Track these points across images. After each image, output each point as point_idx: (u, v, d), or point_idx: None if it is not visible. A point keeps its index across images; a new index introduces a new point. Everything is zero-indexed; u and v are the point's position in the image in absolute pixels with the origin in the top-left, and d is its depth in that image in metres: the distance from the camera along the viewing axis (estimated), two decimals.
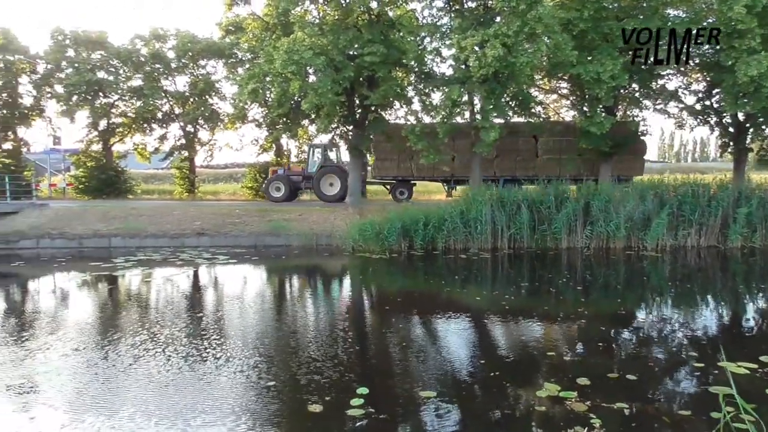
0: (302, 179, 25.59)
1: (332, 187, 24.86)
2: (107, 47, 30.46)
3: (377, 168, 27.07)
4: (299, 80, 18.88)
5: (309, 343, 8.34)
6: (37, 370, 7.06)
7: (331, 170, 25.11)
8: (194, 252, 17.35)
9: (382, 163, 26.72)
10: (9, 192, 23.92)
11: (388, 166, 26.53)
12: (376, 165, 27.21)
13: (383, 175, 26.91)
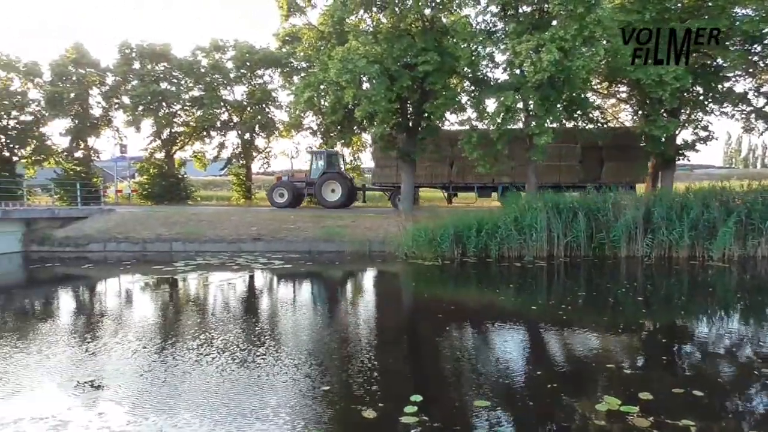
0: (305, 185, 26.01)
1: (334, 193, 25.12)
2: (170, 59, 31.73)
3: (377, 175, 27.19)
4: (353, 88, 19.08)
5: (363, 349, 8.38)
6: (105, 368, 7.38)
7: (332, 177, 25.39)
8: (250, 257, 17.76)
9: (382, 170, 26.75)
10: (80, 198, 25.23)
11: (388, 174, 26.53)
12: (376, 172, 27.33)
13: (383, 182, 26.93)
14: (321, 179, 25.20)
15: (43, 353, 8.07)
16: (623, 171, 23.74)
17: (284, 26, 24.97)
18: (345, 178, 25.84)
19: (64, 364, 7.56)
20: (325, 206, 25.07)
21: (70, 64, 31.44)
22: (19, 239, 19.62)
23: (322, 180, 25.17)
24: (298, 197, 26.42)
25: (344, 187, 25.24)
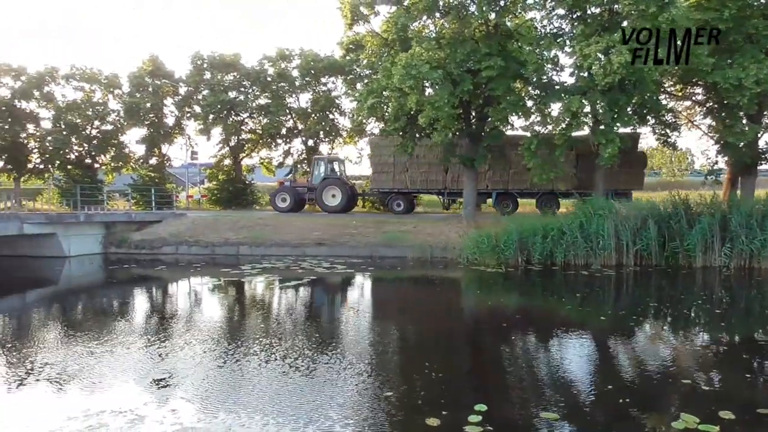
0: (307, 191, 26.61)
1: (334, 199, 25.56)
2: (239, 69, 32.84)
3: (375, 180, 27.35)
4: (416, 94, 19.09)
5: (426, 356, 8.34)
6: (176, 366, 7.69)
7: (333, 182, 25.84)
8: (314, 261, 18.07)
9: (378, 175, 26.96)
10: (154, 203, 26.47)
11: (384, 179, 26.67)
12: (374, 177, 27.51)
13: (379, 188, 27.07)
14: (322, 185, 25.88)
15: (122, 350, 8.49)
16: (619, 178, 23.20)
17: (348, 34, 25.29)
18: (345, 184, 26.33)
19: (140, 361, 7.93)
20: (326, 211, 25.72)
21: (146, 76, 33.11)
22: (100, 241, 20.78)
23: (323, 185, 25.84)
24: (300, 202, 27.12)
25: (344, 193, 25.84)
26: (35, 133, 32.48)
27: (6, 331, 10.53)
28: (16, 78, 31.86)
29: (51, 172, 34.10)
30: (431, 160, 25.55)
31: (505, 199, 25.04)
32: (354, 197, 27.39)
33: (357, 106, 23.09)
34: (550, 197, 24.59)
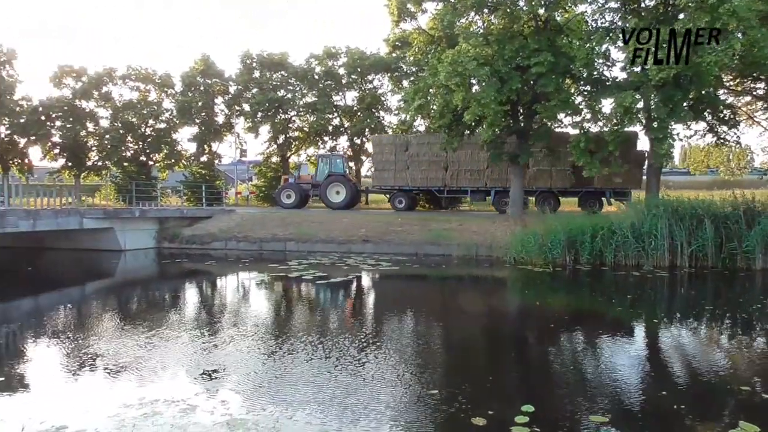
0: (311, 187, 27.07)
1: (338, 195, 26.03)
2: (287, 67, 33.35)
3: (376, 178, 27.75)
4: (462, 91, 18.94)
5: (471, 355, 8.29)
6: (226, 358, 7.88)
7: (337, 179, 26.25)
8: (359, 258, 18.19)
9: (380, 173, 27.36)
10: (204, 199, 27.19)
11: (386, 177, 27.05)
12: (375, 175, 27.90)
13: (382, 185, 27.50)
14: (326, 181, 26.29)
15: (174, 342, 8.77)
16: (616, 177, 22.82)
17: (394, 32, 25.34)
18: (349, 181, 26.91)
19: (190, 353, 8.17)
20: (330, 207, 26.12)
21: (198, 75, 34.02)
22: (153, 236, 21.51)
23: (328, 182, 26.23)
24: (305, 198, 27.65)
25: (348, 190, 26.36)
26: (94, 131, 33.86)
27: (67, 322, 11.04)
28: (77, 79, 33.28)
29: (108, 169, 35.50)
30: (431, 158, 26.16)
31: (504, 197, 25.07)
32: (357, 194, 28.13)
33: (404, 106, 23.11)
34: (548, 195, 24.80)
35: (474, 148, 25.04)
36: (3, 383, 7.13)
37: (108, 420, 5.70)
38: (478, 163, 25.57)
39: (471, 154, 25.56)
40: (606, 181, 23.00)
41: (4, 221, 16.76)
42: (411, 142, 26.91)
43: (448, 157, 25.66)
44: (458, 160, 25.66)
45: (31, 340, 9.68)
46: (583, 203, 24.39)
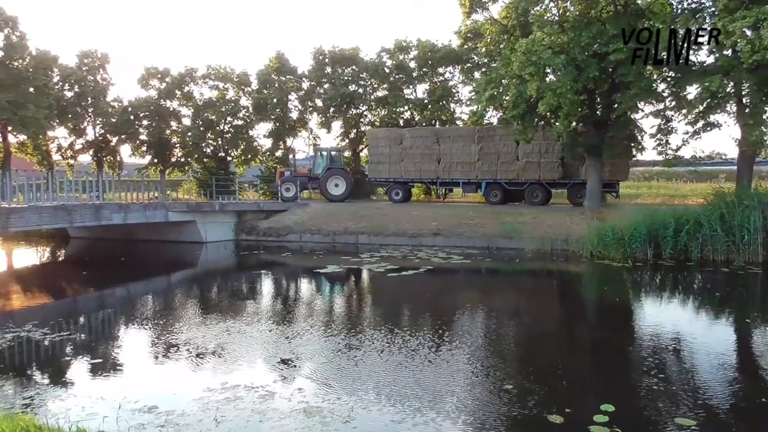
0: (308, 180, 27.18)
1: (337, 188, 26.22)
2: (358, 62, 33.64)
3: (370, 170, 28.09)
4: (537, 81, 18.41)
5: (547, 351, 8.12)
6: (302, 348, 8.12)
7: (336, 172, 26.49)
8: (430, 251, 18.17)
9: (375, 165, 27.68)
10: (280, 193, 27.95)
11: (381, 169, 27.38)
12: (370, 167, 28.20)
13: (376, 177, 27.81)
14: (326, 174, 26.44)
15: (252, 330, 9.13)
16: (604, 169, 22.61)
17: (466, 23, 24.97)
18: (348, 174, 27.42)
19: (268, 342, 8.48)
20: (330, 200, 26.35)
21: (273, 73, 34.95)
22: (232, 228, 22.39)
23: (328, 175, 26.36)
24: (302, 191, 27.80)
25: (347, 182, 26.73)
26: (177, 129, 35.59)
27: (155, 309, 11.73)
28: (162, 80, 35.06)
29: (190, 165, 37.21)
30: (424, 150, 26.59)
31: (494, 188, 25.33)
32: (354, 187, 28.39)
33: (476, 97, 22.76)
34: (537, 187, 24.80)
35: (466, 140, 25.95)
36: (101, 364, 7.69)
37: (193, 402, 6.03)
38: (469, 155, 25.96)
39: (462, 147, 26.06)
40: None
41: (100, 214, 18.01)
42: (405, 136, 27.50)
43: (441, 149, 26.34)
44: (450, 153, 26.10)
45: (125, 325, 10.36)
46: (572, 195, 24.59)
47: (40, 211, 16.58)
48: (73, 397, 6.30)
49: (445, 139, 26.32)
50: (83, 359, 8.06)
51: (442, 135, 26.72)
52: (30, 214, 16.22)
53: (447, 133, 26.94)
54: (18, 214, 15.86)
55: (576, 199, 24.01)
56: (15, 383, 6.89)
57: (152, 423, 5.49)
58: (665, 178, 37.30)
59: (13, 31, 28.30)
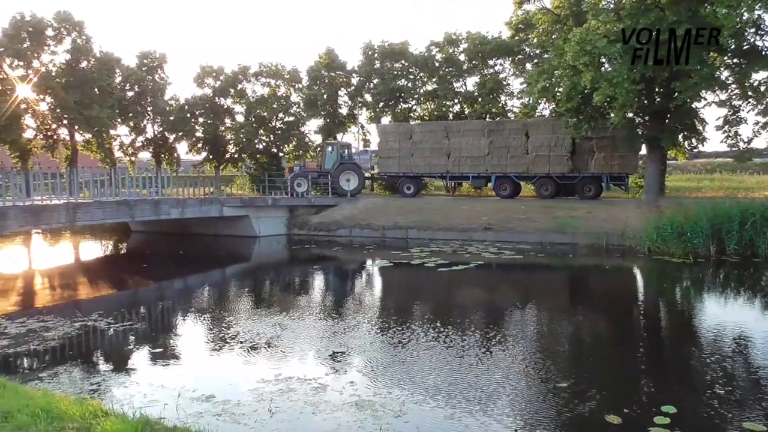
0: (318, 176, 26.71)
1: (349, 183, 25.88)
2: (407, 56, 33.54)
3: (380, 165, 28.08)
4: (591, 71, 17.89)
5: (604, 349, 7.91)
6: (353, 341, 8.19)
7: (348, 167, 26.17)
8: (481, 246, 17.97)
9: (385, 160, 27.82)
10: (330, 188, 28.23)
11: (391, 164, 27.46)
12: (379, 162, 28.19)
13: (386, 171, 27.74)
14: (338, 170, 25.96)
15: (304, 323, 9.27)
16: (613, 162, 23.46)
17: (517, 14, 24.55)
18: (360, 168, 27.07)
19: (320, 335, 8.59)
20: (341, 195, 25.92)
21: (323, 69, 35.30)
22: (284, 223, 22.81)
23: (340, 170, 25.91)
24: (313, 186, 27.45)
25: (359, 177, 26.42)
26: (231, 126, 36.46)
27: (212, 301, 12.08)
28: (216, 78, 35.97)
29: (243, 161, 38.07)
30: (433, 145, 26.61)
31: (504, 182, 25.33)
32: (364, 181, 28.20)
33: (527, 89, 22.33)
34: (546, 180, 24.71)
35: (475, 134, 25.92)
36: (161, 354, 7.99)
37: (248, 393, 6.18)
38: (479, 149, 25.87)
39: (472, 141, 25.98)
40: (604, 167, 23.46)
41: (159, 209, 18.68)
42: (414, 130, 27.63)
43: (450, 144, 26.37)
44: (459, 147, 26.09)
45: (183, 316, 10.72)
46: (580, 188, 24.54)
47: (104, 206, 17.34)
48: (135, 385, 6.56)
49: (454, 133, 26.46)
50: (144, 348, 8.39)
51: (451, 129, 26.87)
52: (95, 209, 16.98)
53: (456, 127, 27.11)
54: (84, 208, 16.63)
55: (585, 193, 24.05)
56: (83, 369, 7.24)
57: (209, 411, 5.66)
58: (729, 170, 35.64)
59: (79, 35, 29.64)
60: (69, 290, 13.28)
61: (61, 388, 6.25)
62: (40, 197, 17.48)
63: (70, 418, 4.20)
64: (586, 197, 23.61)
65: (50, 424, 4.06)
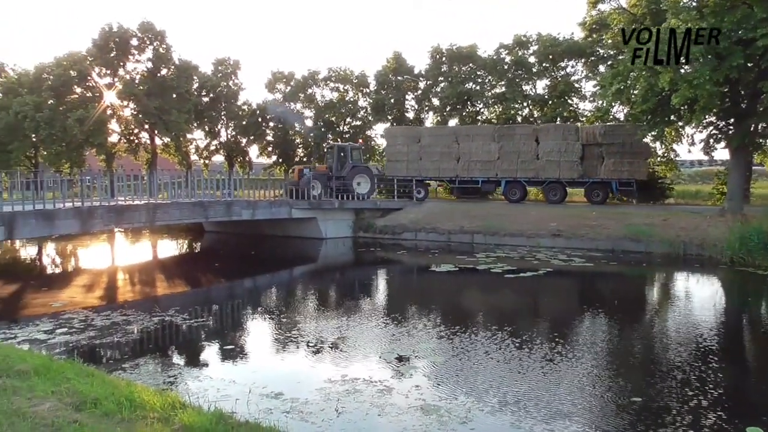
0: (327, 179, 25.43)
1: (360, 187, 24.96)
2: (475, 59, 33.29)
3: (387, 168, 28.13)
4: (670, 72, 17.12)
5: (682, 364, 7.52)
6: (419, 345, 8.18)
7: (361, 170, 25.47)
8: (549, 252, 17.55)
9: (392, 163, 27.97)
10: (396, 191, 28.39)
11: (398, 167, 27.52)
12: (387, 165, 28.42)
13: (394, 175, 27.25)
14: (352, 172, 24.93)
15: (370, 326, 9.36)
16: (623, 168, 24.05)
17: (591, 14, 23.78)
18: (371, 171, 26.09)
19: (386, 338, 8.64)
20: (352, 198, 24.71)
21: (390, 73, 35.59)
22: (350, 226, 23.11)
23: (353, 173, 24.94)
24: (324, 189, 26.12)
25: (371, 180, 25.42)
26: (300, 130, 37.38)
27: (281, 300, 12.42)
28: (287, 83, 37.01)
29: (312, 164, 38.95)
30: (443, 149, 26.85)
31: (515, 187, 25.69)
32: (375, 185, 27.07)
33: (600, 92, 21.64)
34: (556, 185, 25.24)
35: (485, 139, 26.13)
36: (232, 350, 8.29)
37: (316, 392, 6.30)
38: (489, 153, 26.03)
39: (482, 145, 26.12)
40: (613, 172, 23.97)
41: (231, 210, 19.40)
42: (423, 134, 27.86)
43: (460, 148, 26.51)
44: (469, 151, 26.24)
45: (253, 314, 11.08)
46: (589, 193, 25.05)
47: (181, 207, 18.17)
48: (209, 379, 6.84)
49: (464, 138, 26.66)
50: (216, 344, 8.73)
51: (461, 134, 27.11)
52: (173, 209, 17.82)
53: (466, 131, 27.35)
54: (163, 209, 17.49)
55: (594, 198, 24.61)
56: (160, 362, 7.63)
57: (279, 408, 5.82)
58: None
59: (160, 44, 31.27)
60: (148, 286, 14.01)
61: (141, 378, 6.60)
62: (123, 198, 18.56)
63: (150, 407, 4.43)
64: (594, 202, 24.12)
65: (133, 413, 4.30)
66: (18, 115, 28.94)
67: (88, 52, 30.43)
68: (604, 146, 24.34)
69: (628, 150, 23.88)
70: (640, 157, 24.46)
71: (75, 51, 30.87)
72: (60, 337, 8.47)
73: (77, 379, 5.05)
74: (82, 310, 10.23)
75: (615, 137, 23.92)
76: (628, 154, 23.94)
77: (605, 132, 24.19)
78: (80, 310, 10.29)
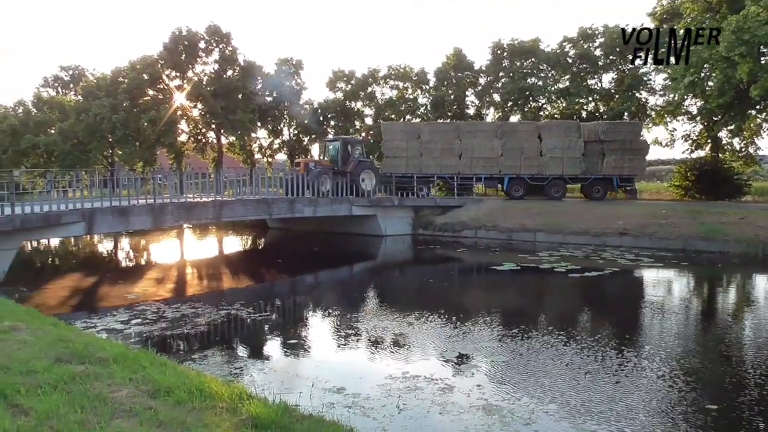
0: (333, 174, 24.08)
1: (365, 183, 24.17)
2: (538, 54, 32.55)
3: (385, 165, 27.48)
4: (750, 63, 16.21)
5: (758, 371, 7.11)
6: (481, 344, 8.09)
7: (367, 166, 24.69)
8: (616, 252, 16.95)
9: (390, 160, 27.31)
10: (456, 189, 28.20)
11: (397, 164, 27.02)
12: (385, 162, 27.75)
13: (393, 172, 26.69)
14: (359, 168, 23.89)
15: (432, 323, 9.33)
16: (623, 164, 24.76)
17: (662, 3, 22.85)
18: (375, 167, 25.73)
19: (448, 336, 8.59)
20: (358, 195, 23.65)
21: (450, 70, 35.33)
22: (409, 223, 23.13)
23: (360, 168, 23.93)
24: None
25: (376, 176, 24.80)
26: (360, 128, 37.70)
27: (342, 296, 12.58)
28: (348, 82, 37.37)
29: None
30: (444, 145, 26.47)
31: (518, 183, 25.74)
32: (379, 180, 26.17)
33: (672, 85, 20.73)
34: (558, 182, 25.38)
35: (488, 136, 26.11)
36: (296, 344, 8.47)
37: (377, 388, 6.34)
38: (491, 150, 25.95)
39: (484, 142, 26.04)
40: (615, 168, 24.63)
41: (293, 207, 19.83)
42: (423, 130, 27.46)
43: (462, 144, 26.34)
44: (471, 148, 26.12)
45: (315, 309, 11.28)
46: (589, 190, 25.55)
47: (246, 204, 18.71)
48: (273, 372, 7.01)
49: (466, 134, 26.52)
50: (280, 338, 8.94)
51: (462, 130, 26.89)
52: (238, 206, 18.39)
53: (468, 128, 27.27)
54: (229, 206, 18.08)
55: (594, 194, 25.14)
56: (227, 354, 7.88)
57: (341, 403, 5.90)
58: None
59: (226, 47, 32.28)
60: (215, 280, 14.52)
61: (209, 369, 6.84)
62: (192, 195, 19.29)
63: (219, 398, 4.59)
64: (594, 199, 24.89)
65: (203, 402, 4.46)
66: (96, 117, 30.66)
67: (160, 56, 31.84)
68: (605, 143, 24.75)
69: (628, 147, 24.67)
70: (640, 153, 25.35)
71: (148, 55, 32.40)
72: (135, 328, 8.91)
73: (152, 367, 5.29)
74: (155, 302, 10.74)
75: (616, 134, 24.54)
76: (628, 151, 24.70)
77: (606, 129, 24.90)
78: (153, 302, 10.80)
